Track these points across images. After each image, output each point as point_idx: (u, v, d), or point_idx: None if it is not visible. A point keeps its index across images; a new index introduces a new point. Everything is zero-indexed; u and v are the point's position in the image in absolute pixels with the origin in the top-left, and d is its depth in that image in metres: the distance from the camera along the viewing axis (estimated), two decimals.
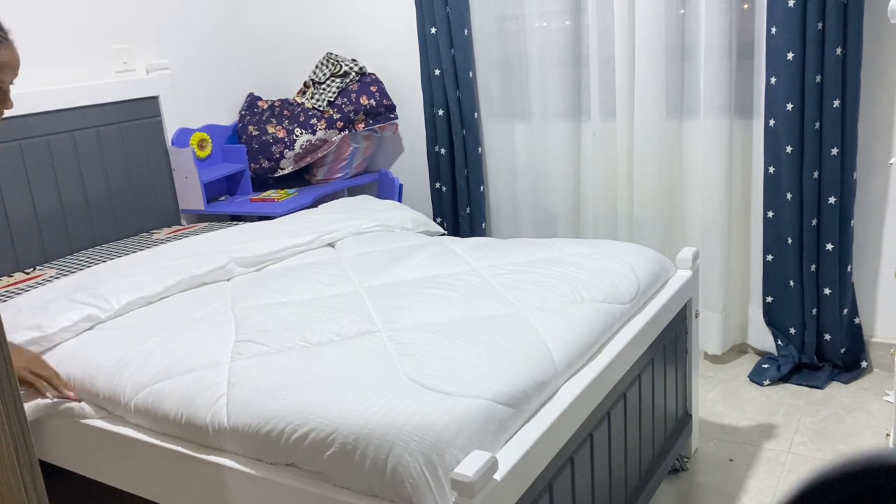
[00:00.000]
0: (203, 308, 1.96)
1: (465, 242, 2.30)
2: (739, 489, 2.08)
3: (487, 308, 1.75)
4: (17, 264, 2.57)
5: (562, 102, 2.92)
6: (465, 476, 1.18)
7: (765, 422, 2.40)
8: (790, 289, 2.61)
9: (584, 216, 3.03)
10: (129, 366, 1.70)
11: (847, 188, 2.45)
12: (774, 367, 2.65)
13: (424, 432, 1.28)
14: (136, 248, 2.65)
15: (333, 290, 1.99)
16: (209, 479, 1.53)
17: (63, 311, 1.92)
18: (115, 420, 1.72)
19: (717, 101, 2.58)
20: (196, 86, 3.22)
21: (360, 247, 2.37)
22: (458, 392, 1.37)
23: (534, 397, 1.44)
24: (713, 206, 2.67)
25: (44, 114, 2.61)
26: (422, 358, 1.51)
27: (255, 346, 1.67)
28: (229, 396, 1.51)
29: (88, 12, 2.80)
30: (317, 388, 1.44)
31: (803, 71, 2.40)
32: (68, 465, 1.87)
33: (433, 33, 3.05)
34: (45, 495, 0.93)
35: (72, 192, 2.71)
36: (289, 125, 3.18)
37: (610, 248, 2.07)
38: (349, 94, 3.22)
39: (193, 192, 3.04)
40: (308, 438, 1.37)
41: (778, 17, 2.39)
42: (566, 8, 2.84)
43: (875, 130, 2.49)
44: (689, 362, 2.15)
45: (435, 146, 3.18)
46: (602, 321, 1.71)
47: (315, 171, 3.37)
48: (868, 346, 2.65)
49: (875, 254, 2.59)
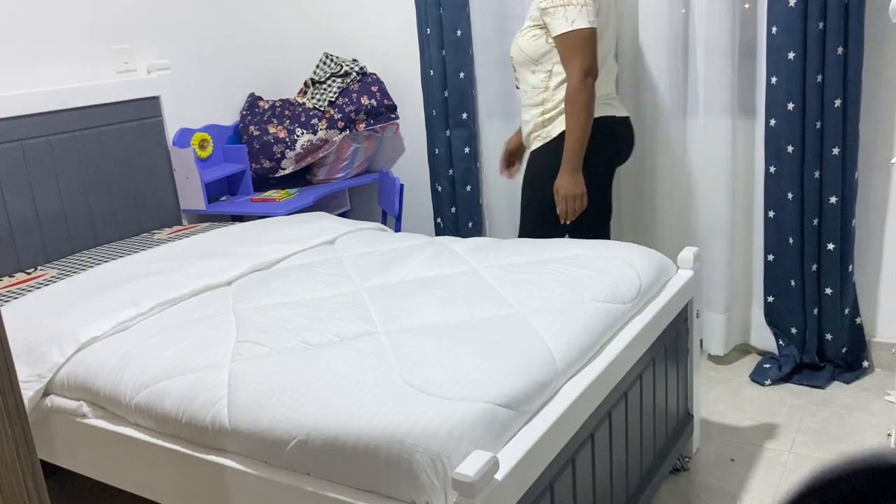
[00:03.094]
0: (204, 308, 1.96)
1: (466, 243, 2.30)
2: (741, 489, 2.08)
3: (488, 308, 1.75)
4: (19, 264, 2.57)
5: None
6: (466, 476, 1.18)
7: (766, 422, 2.40)
8: (791, 289, 2.61)
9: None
10: (131, 365, 1.70)
11: (848, 188, 2.45)
12: (776, 366, 2.65)
13: (429, 438, 1.27)
14: (137, 249, 2.65)
15: (334, 291, 1.99)
16: (210, 479, 1.53)
17: (94, 319, 1.91)
18: (116, 420, 1.72)
19: (719, 100, 2.58)
20: (197, 86, 3.22)
21: (361, 247, 2.37)
22: (459, 396, 1.36)
23: (535, 398, 1.44)
24: (714, 205, 2.67)
25: (45, 114, 2.61)
26: (422, 361, 1.50)
27: (255, 346, 1.67)
28: (230, 398, 1.51)
29: (89, 12, 2.80)
30: (317, 394, 1.43)
31: (804, 70, 2.40)
32: (69, 465, 1.87)
33: (428, 34, 3.06)
34: (45, 495, 0.93)
35: (73, 193, 2.72)
36: (290, 125, 3.18)
37: (611, 248, 2.07)
38: (350, 94, 3.22)
39: (194, 193, 3.05)
40: (308, 445, 1.37)
41: (779, 16, 2.39)
42: None
43: (876, 130, 2.49)
44: (691, 362, 2.15)
45: (434, 146, 3.18)
46: (603, 321, 1.71)
47: (316, 171, 3.37)
48: (869, 346, 2.65)
49: (876, 253, 2.59)
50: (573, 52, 2.24)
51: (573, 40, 2.23)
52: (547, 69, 2.35)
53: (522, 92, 2.45)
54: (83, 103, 2.72)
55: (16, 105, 2.52)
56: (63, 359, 1.80)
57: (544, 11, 2.28)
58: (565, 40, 2.25)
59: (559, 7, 2.23)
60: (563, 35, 2.24)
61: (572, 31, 2.23)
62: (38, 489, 0.91)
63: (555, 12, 2.24)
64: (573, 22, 2.22)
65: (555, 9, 2.24)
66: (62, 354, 1.81)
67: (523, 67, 2.40)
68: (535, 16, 2.33)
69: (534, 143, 2.43)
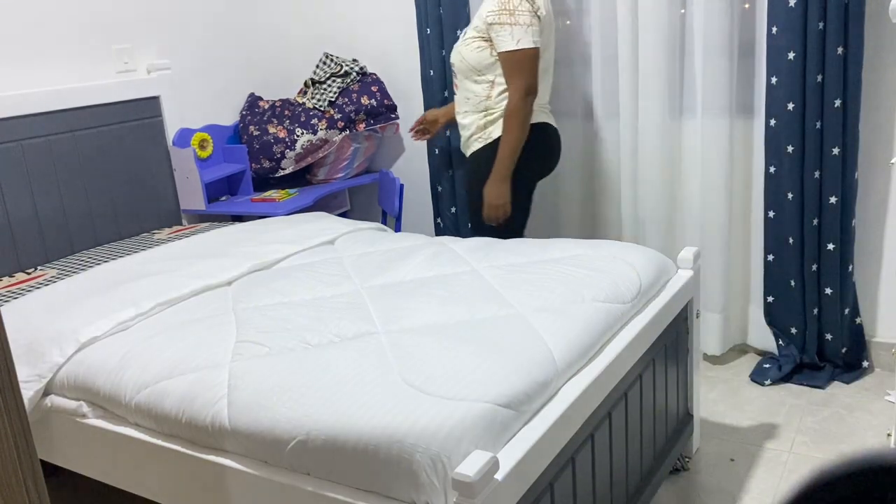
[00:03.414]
0: (204, 308, 1.96)
1: (466, 243, 2.30)
2: (741, 489, 2.08)
3: (488, 308, 1.75)
4: (19, 264, 2.57)
5: (563, 102, 2.92)
6: (466, 476, 1.18)
7: (766, 422, 2.40)
8: (791, 289, 2.61)
9: (585, 216, 3.03)
10: (131, 365, 1.70)
11: (848, 188, 2.45)
12: (776, 366, 2.65)
13: (429, 438, 1.27)
14: (137, 249, 2.65)
15: (334, 291, 1.99)
16: (210, 479, 1.53)
17: (94, 319, 1.91)
18: (116, 419, 1.72)
19: (718, 100, 2.58)
20: (197, 86, 3.22)
21: (361, 247, 2.37)
22: (459, 396, 1.36)
23: (535, 398, 1.44)
24: (714, 205, 2.67)
25: (45, 114, 2.61)
26: (422, 361, 1.50)
27: (255, 346, 1.67)
28: (230, 398, 1.51)
29: (90, 13, 2.80)
30: (317, 394, 1.43)
31: (804, 70, 2.40)
32: (69, 465, 1.87)
33: (428, 34, 3.06)
34: (45, 494, 0.93)
35: (73, 193, 2.72)
36: (290, 125, 3.18)
37: (611, 247, 2.07)
38: (350, 94, 3.22)
39: (194, 192, 3.05)
40: (308, 445, 1.37)
41: (779, 16, 2.39)
42: (567, 8, 2.84)
43: (876, 130, 2.49)
44: (690, 362, 2.15)
45: (434, 146, 3.18)
46: (603, 321, 1.71)
47: (316, 171, 3.37)
48: (869, 346, 2.65)
49: (876, 253, 2.59)
50: (517, 71, 2.36)
51: (518, 59, 2.35)
52: (489, 79, 2.45)
53: (464, 99, 2.55)
54: (83, 103, 2.72)
55: (16, 105, 2.52)
56: (63, 359, 1.80)
57: (491, 26, 2.37)
58: (510, 58, 2.36)
59: (506, 25, 2.33)
60: (508, 53, 2.36)
61: (518, 51, 2.34)
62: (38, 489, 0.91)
63: (501, 29, 2.34)
64: (518, 41, 2.33)
65: (501, 26, 2.34)
66: (62, 354, 1.81)
67: (465, 76, 2.51)
68: (481, 27, 2.42)
69: (475, 144, 2.54)
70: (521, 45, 2.33)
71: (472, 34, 2.45)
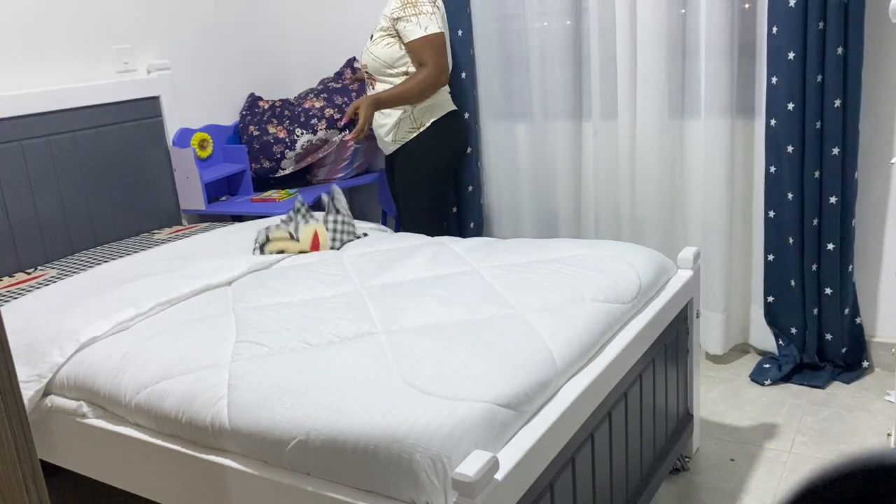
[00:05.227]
0: (204, 308, 1.96)
1: (466, 243, 2.30)
2: (741, 489, 2.08)
3: (488, 308, 1.75)
4: (19, 264, 2.57)
5: (563, 102, 2.92)
6: (466, 476, 1.18)
7: (766, 421, 2.40)
8: (791, 288, 2.61)
9: (585, 216, 3.03)
10: (131, 365, 1.70)
11: (848, 188, 2.45)
12: (776, 366, 2.65)
13: (429, 438, 1.27)
14: (137, 249, 2.65)
15: (334, 291, 1.99)
16: (210, 479, 1.53)
17: (93, 319, 1.91)
18: (116, 419, 1.72)
19: (718, 100, 2.58)
20: (197, 86, 3.22)
21: (361, 247, 2.37)
22: (459, 396, 1.36)
23: (535, 398, 1.44)
24: (714, 205, 2.67)
25: (45, 114, 2.61)
26: (422, 361, 1.50)
27: (255, 346, 1.67)
28: (230, 398, 1.51)
29: (89, 13, 2.80)
30: (317, 394, 1.43)
31: (804, 71, 2.40)
32: (69, 465, 1.87)
33: None
34: (45, 494, 0.93)
35: (73, 193, 2.72)
36: (290, 125, 3.18)
37: (611, 247, 2.07)
38: (350, 94, 3.22)
39: (194, 193, 3.05)
40: (308, 445, 1.37)
41: (779, 16, 2.39)
42: (567, 8, 2.84)
43: (876, 130, 2.49)
44: (691, 362, 2.15)
45: None
46: (603, 321, 1.71)
47: (316, 172, 3.37)
48: (869, 346, 2.65)
49: (876, 253, 2.59)
50: (430, 54, 2.57)
51: (429, 42, 2.57)
52: (403, 71, 2.66)
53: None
54: (83, 103, 2.72)
55: (16, 105, 2.52)
56: (63, 359, 1.80)
57: (397, 21, 2.60)
58: (422, 43, 2.58)
59: (412, 17, 2.57)
60: (418, 39, 2.57)
61: (427, 36, 2.57)
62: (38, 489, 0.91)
63: (407, 21, 2.57)
64: (426, 28, 2.57)
65: (407, 18, 2.57)
66: (62, 354, 1.81)
67: (379, 73, 2.70)
68: (387, 25, 2.64)
69: (408, 136, 2.73)
70: (428, 31, 2.56)
71: (378, 34, 2.65)
